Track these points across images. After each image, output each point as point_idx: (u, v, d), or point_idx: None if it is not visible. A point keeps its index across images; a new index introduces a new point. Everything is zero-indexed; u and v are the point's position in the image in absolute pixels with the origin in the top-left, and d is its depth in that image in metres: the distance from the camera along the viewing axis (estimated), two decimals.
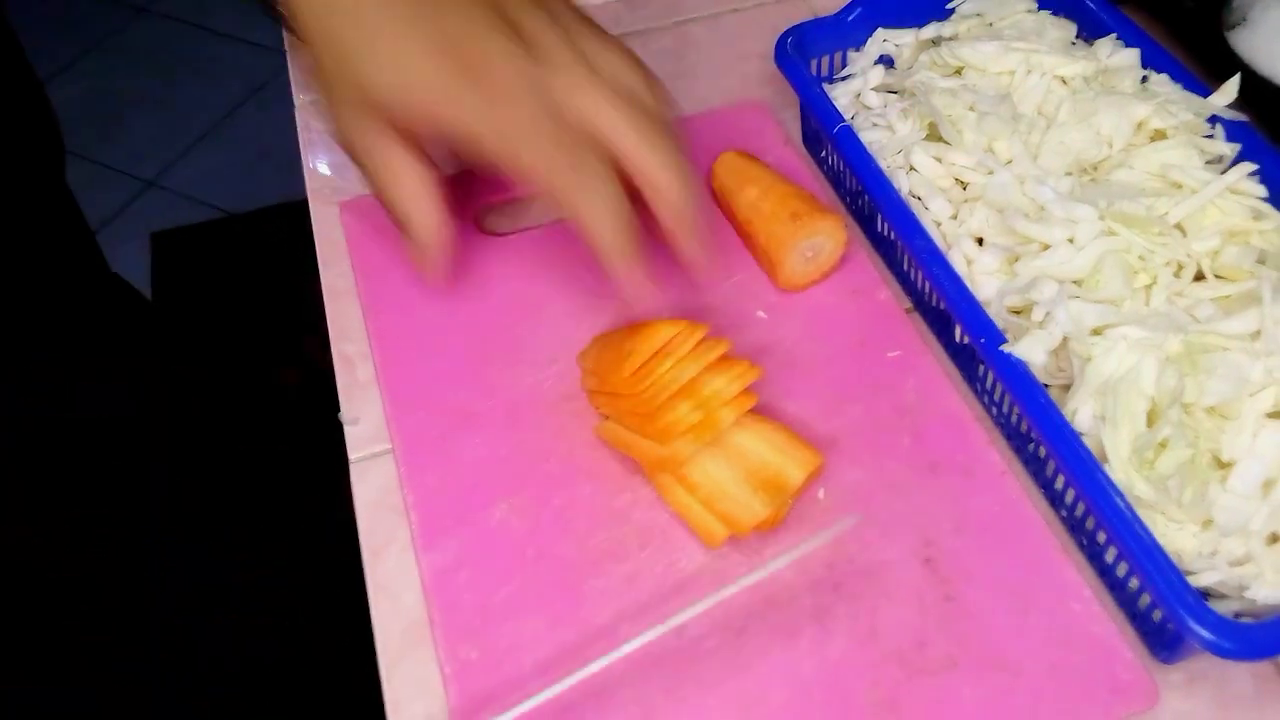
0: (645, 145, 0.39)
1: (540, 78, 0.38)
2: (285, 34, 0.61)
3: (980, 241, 0.46)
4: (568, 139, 0.38)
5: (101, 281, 0.70)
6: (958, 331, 0.45)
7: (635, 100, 0.40)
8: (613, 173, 0.39)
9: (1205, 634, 0.33)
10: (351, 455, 0.45)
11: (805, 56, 0.53)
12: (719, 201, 0.52)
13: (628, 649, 0.35)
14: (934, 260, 0.43)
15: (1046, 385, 0.40)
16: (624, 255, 0.40)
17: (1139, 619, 0.38)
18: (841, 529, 0.38)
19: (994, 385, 0.44)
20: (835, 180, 0.54)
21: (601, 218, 0.39)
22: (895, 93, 0.53)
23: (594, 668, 0.35)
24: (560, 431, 0.44)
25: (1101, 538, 0.39)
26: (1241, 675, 0.38)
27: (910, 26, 0.55)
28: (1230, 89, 0.47)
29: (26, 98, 0.60)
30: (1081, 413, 0.39)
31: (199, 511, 0.75)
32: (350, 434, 0.45)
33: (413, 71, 0.38)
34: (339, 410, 0.46)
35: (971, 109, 0.48)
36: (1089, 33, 0.52)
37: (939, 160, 0.47)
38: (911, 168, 0.48)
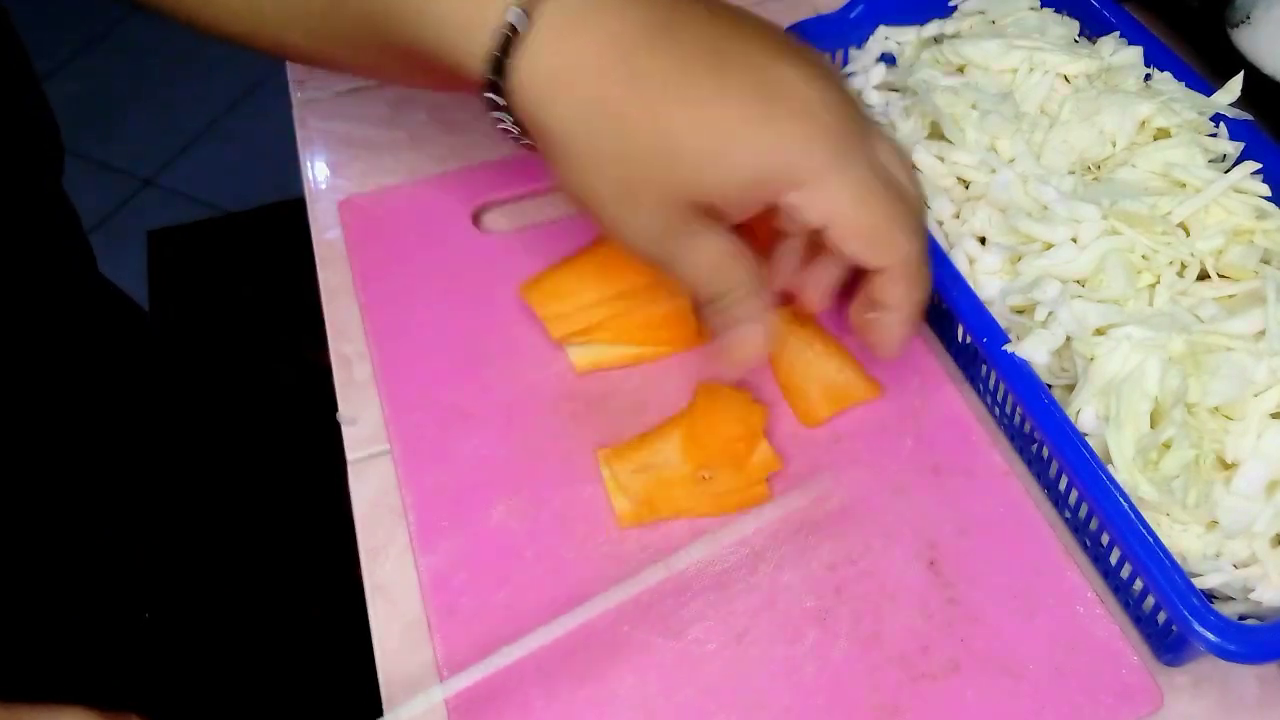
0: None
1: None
2: None
3: (983, 241, 0.45)
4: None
5: (94, 288, 0.69)
6: (960, 331, 0.45)
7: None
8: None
9: (1210, 637, 0.33)
10: (349, 455, 0.44)
11: None
12: None
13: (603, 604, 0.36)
14: (936, 259, 0.43)
15: (1049, 385, 0.40)
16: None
17: (1143, 621, 0.38)
18: (820, 490, 0.38)
19: (997, 385, 0.43)
20: None
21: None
22: (897, 91, 0.52)
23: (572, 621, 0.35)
24: (559, 432, 0.44)
25: (1105, 539, 0.38)
26: (1247, 678, 0.37)
27: (912, 24, 0.54)
28: (1234, 87, 0.47)
29: (24, 98, 0.59)
30: (1085, 413, 0.39)
31: (194, 511, 0.75)
32: (348, 434, 0.45)
33: (775, 154, 0.32)
34: (337, 410, 0.46)
35: (974, 107, 0.48)
36: (1092, 30, 0.52)
37: (941, 159, 0.47)
38: (913, 166, 0.48)
